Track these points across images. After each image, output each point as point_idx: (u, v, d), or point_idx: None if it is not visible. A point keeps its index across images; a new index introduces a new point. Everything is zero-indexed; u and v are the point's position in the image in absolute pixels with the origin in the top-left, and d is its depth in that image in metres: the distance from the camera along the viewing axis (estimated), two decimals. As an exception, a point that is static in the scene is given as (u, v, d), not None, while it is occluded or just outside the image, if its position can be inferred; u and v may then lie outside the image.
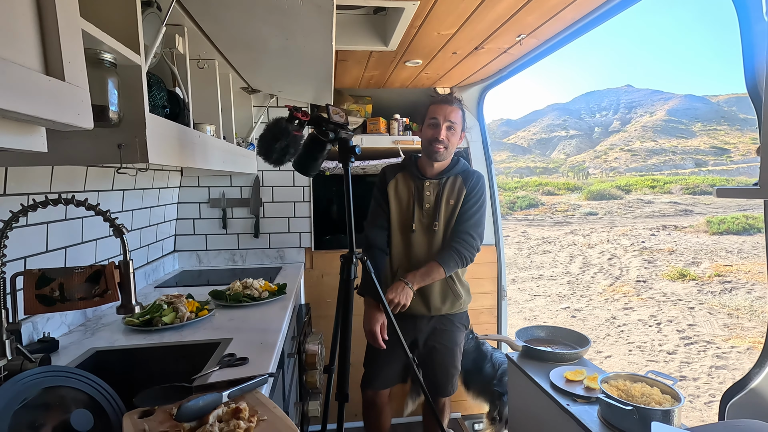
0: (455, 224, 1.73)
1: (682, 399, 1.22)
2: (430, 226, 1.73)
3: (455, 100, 1.72)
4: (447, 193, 1.74)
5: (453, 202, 1.74)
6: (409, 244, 1.74)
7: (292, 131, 1.30)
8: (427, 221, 1.73)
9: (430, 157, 1.72)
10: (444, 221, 1.73)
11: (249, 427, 0.76)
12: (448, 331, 1.80)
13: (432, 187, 1.74)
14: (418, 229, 1.72)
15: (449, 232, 1.74)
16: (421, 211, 1.73)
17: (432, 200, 1.74)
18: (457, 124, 1.70)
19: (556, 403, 1.39)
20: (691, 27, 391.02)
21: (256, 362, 1.12)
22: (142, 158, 0.95)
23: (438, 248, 1.73)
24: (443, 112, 1.68)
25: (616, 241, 13.09)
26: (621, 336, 6.32)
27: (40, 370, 0.94)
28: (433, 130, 1.68)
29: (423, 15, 1.51)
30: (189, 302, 1.50)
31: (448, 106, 1.69)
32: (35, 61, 0.54)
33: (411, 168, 1.78)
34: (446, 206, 1.73)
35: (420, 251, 1.74)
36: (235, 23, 1.35)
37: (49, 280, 0.98)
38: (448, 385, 1.83)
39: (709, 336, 6.11)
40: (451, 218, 1.74)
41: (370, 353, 1.82)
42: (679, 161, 46.76)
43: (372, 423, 1.88)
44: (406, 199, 1.76)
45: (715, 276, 9.09)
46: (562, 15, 1.50)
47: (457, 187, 1.75)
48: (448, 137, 1.67)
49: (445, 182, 1.75)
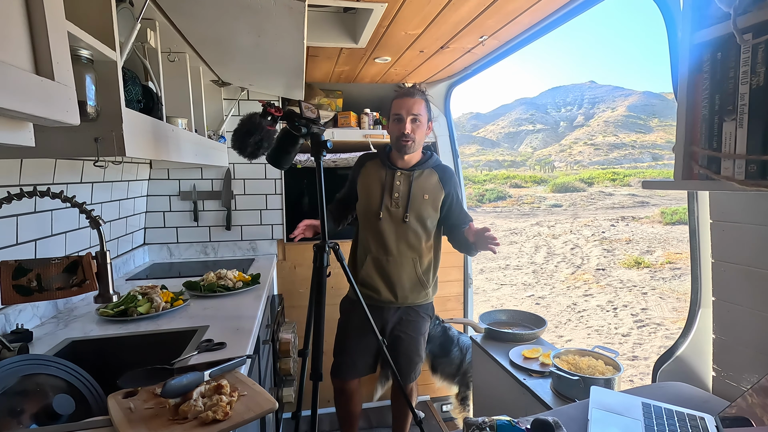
0: (451, 221, 1.78)
1: (621, 369, 1.37)
2: (401, 218, 1.73)
3: (417, 91, 1.72)
4: (421, 186, 1.75)
5: (428, 197, 1.75)
6: (377, 231, 1.76)
7: (265, 126, 1.35)
8: (396, 211, 1.75)
9: (399, 152, 1.74)
10: (418, 215, 1.74)
11: (231, 401, 0.83)
12: (413, 321, 1.83)
13: (403, 178, 1.76)
14: (386, 218, 1.75)
15: (430, 228, 1.77)
16: (390, 199, 1.76)
17: (402, 190, 1.75)
18: (422, 115, 1.70)
19: (514, 378, 1.52)
20: (647, 26, 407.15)
21: (234, 346, 1.18)
22: (119, 152, 0.98)
23: (413, 242, 1.75)
24: (406, 106, 1.69)
25: (578, 231, 13.69)
26: (581, 321, 6.69)
27: (19, 359, 0.97)
28: (399, 125, 1.70)
29: (391, 15, 1.58)
30: (163, 293, 1.53)
31: (410, 98, 1.70)
32: (27, 62, 0.58)
33: (383, 158, 1.82)
34: (421, 200, 1.74)
35: (389, 240, 1.75)
36: (206, 19, 1.38)
37: (26, 270, 1.00)
38: (411, 373, 1.86)
39: (659, 318, 6.56)
40: (426, 213, 1.75)
41: (340, 343, 1.86)
42: (638, 155, 49.01)
43: (343, 408, 1.92)
44: (375, 186, 1.79)
45: (667, 263, 9.71)
46: (520, 19, 1.61)
47: (433, 183, 1.76)
48: (414, 130, 1.69)
49: (419, 175, 1.76)
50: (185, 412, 0.79)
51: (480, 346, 1.79)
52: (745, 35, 0.67)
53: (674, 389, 1.14)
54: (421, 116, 1.71)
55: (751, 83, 0.68)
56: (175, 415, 0.80)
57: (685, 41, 0.80)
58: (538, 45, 25.92)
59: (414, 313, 1.84)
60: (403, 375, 1.83)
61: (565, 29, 10.46)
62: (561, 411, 1.04)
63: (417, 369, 1.89)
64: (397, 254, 1.76)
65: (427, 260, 1.81)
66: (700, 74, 0.78)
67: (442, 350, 2.37)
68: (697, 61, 0.78)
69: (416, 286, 1.80)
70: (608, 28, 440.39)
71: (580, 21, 15.02)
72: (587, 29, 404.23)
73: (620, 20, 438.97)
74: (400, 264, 1.76)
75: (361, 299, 1.53)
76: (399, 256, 1.76)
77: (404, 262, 1.77)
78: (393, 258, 1.75)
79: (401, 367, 1.82)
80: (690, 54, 0.79)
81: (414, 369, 1.87)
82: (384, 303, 1.80)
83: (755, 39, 0.67)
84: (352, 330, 1.83)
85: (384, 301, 1.80)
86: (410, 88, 1.74)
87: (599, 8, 1.59)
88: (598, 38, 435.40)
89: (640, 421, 0.94)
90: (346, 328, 1.86)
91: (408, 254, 1.76)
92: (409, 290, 1.79)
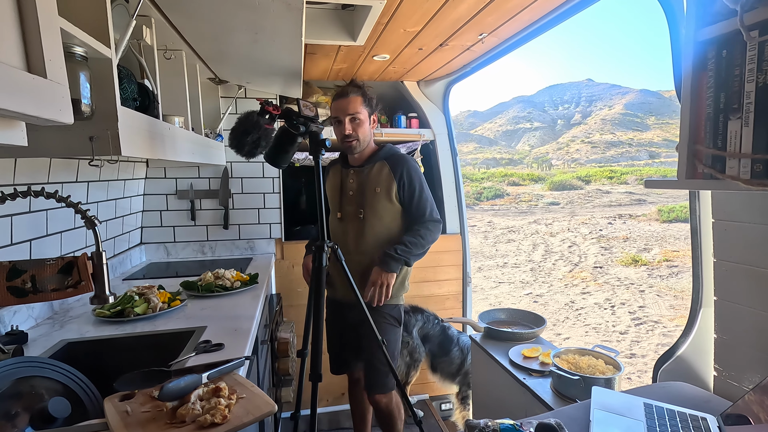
0: (411, 213, 1.74)
1: (622, 368, 1.36)
2: (356, 214, 1.74)
3: (352, 89, 1.69)
4: (372, 180, 1.73)
5: (380, 189, 1.72)
6: (342, 232, 1.79)
7: (263, 125, 1.33)
8: (352, 209, 1.76)
9: (348, 153, 1.77)
10: (373, 209, 1.72)
11: (229, 404, 0.81)
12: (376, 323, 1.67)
13: (355, 175, 1.77)
14: (345, 217, 1.77)
15: (390, 222, 1.75)
16: (345, 198, 1.78)
17: (355, 188, 1.76)
18: (360, 112, 1.68)
19: (514, 377, 1.52)
20: (646, 24, 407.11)
21: (232, 347, 1.16)
22: (114, 151, 0.97)
23: (371, 238, 1.73)
24: (342, 107, 1.68)
25: (576, 229, 13.71)
26: (579, 319, 6.70)
27: (13, 361, 0.95)
28: (339, 128, 1.71)
29: (389, 13, 1.56)
30: (161, 293, 1.52)
31: (344, 99, 1.68)
32: (18, 60, 0.57)
33: (341, 160, 1.86)
34: (374, 194, 1.72)
35: (348, 238, 1.76)
36: (203, 16, 1.36)
37: (20, 272, 0.98)
38: (376, 383, 1.73)
39: (656, 316, 6.58)
40: (381, 206, 1.73)
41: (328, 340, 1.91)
42: (635, 153, 49.13)
43: (353, 399, 2.00)
44: (334, 189, 1.82)
45: (664, 261, 9.73)
46: (520, 17, 1.60)
47: (384, 174, 1.73)
48: (355, 129, 1.68)
49: (369, 170, 1.75)
50: (183, 415, 0.78)
51: (479, 346, 1.78)
52: (751, 32, 0.66)
53: (675, 389, 1.13)
54: (360, 113, 1.69)
55: (757, 81, 0.67)
56: (173, 418, 0.78)
57: (689, 39, 0.79)
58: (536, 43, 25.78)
59: (377, 315, 1.70)
60: (367, 382, 1.76)
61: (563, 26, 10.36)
62: (562, 411, 1.04)
63: (383, 380, 1.72)
64: (355, 252, 1.75)
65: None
66: (704, 72, 0.77)
67: (442, 350, 2.37)
68: (701, 58, 0.77)
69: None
70: (606, 25, 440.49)
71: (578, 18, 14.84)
72: (585, 26, 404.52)
73: (618, 17, 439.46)
74: (359, 261, 1.73)
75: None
76: (358, 254, 1.74)
77: (363, 260, 1.73)
78: (351, 256, 1.71)
79: (366, 372, 1.78)
80: (694, 51, 0.78)
81: (378, 378, 1.72)
82: (343, 300, 1.80)
83: (762, 36, 0.66)
84: (328, 326, 1.89)
85: (342, 299, 1.80)
86: (344, 87, 1.72)
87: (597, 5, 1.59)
88: (595, 35, 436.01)
89: (642, 422, 0.93)
90: (327, 324, 1.90)
91: (369, 251, 1.74)
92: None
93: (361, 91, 1.71)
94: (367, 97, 1.73)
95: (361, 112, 1.69)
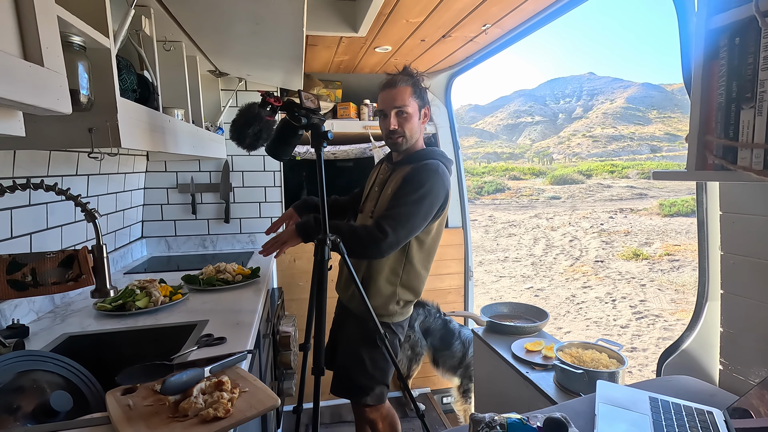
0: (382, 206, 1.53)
1: (625, 362, 1.36)
2: (369, 213, 1.58)
3: (400, 78, 1.49)
4: (393, 181, 1.54)
5: (390, 191, 1.52)
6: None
7: (264, 117, 1.31)
8: (368, 206, 1.61)
9: (392, 149, 1.60)
10: (380, 210, 1.52)
11: (232, 398, 0.81)
12: (354, 329, 1.58)
13: (385, 173, 1.62)
14: (363, 213, 1.64)
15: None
16: (369, 194, 1.65)
17: (378, 186, 1.61)
18: (408, 105, 1.48)
19: (516, 371, 1.51)
20: (648, 17, 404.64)
21: (234, 341, 1.16)
22: (114, 143, 0.95)
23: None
24: (388, 99, 1.49)
25: (577, 223, 13.69)
26: (579, 312, 6.71)
27: (14, 355, 0.95)
28: (384, 122, 1.52)
29: (392, 3, 1.54)
30: (162, 287, 1.51)
31: (391, 90, 1.48)
32: (14, 47, 0.55)
33: (388, 155, 1.71)
34: (387, 195, 1.53)
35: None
36: (203, 6, 1.34)
37: (21, 265, 0.98)
38: (357, 393, 1.56)
39: (657, 310, 6.58)
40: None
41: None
42: (637, 147, 48.97)
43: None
44: (367, 183, 1.73)
45: (665, 255, 9.73)
46: (524, 7, 1.57)
47: (400, 176, 1.52)
48: (401, 124, 1.49)
49: (399, 170, 1.55)
50: (185, 409, 0.77)
51: (482, 339, 1.78)
52: (767, 18, 0.64)
53: (681, 383, 1.12)
54: (408, 106, 1.48)
55: (771, 69, 0.65)
56: (175, 412, 0.78)
57: (701, 26, 0.77)
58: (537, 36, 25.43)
59: (354, 320, 1.57)
60: (348, 391, 1.60)
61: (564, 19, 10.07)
62: (567, 405, 1.03)
63: (363, 390, 1.55)
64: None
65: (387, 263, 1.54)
66: (716, 61, 0.75)
67: (443, 343, 2.37)
68: (713, 47, 0.75)
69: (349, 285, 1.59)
70: (608, 18, 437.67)
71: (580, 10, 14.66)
72: (586, 19, 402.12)
73: (620, 9, 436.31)
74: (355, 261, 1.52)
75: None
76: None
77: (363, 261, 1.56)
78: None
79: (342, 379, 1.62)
80: (706, 40, 0.76)
81: (357, 389, 1.55)
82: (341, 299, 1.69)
83: (776, 23, 0.64)
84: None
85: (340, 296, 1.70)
86: (393, 76, 1.52)
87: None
88: (597, 28, 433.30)
89: (647, 416, 0.92)
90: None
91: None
92: (344, 287, 1.63)
93: (413, 81, 1.50)
94: (418, 88, 1.52)
95: (410, 105, 1.48)
